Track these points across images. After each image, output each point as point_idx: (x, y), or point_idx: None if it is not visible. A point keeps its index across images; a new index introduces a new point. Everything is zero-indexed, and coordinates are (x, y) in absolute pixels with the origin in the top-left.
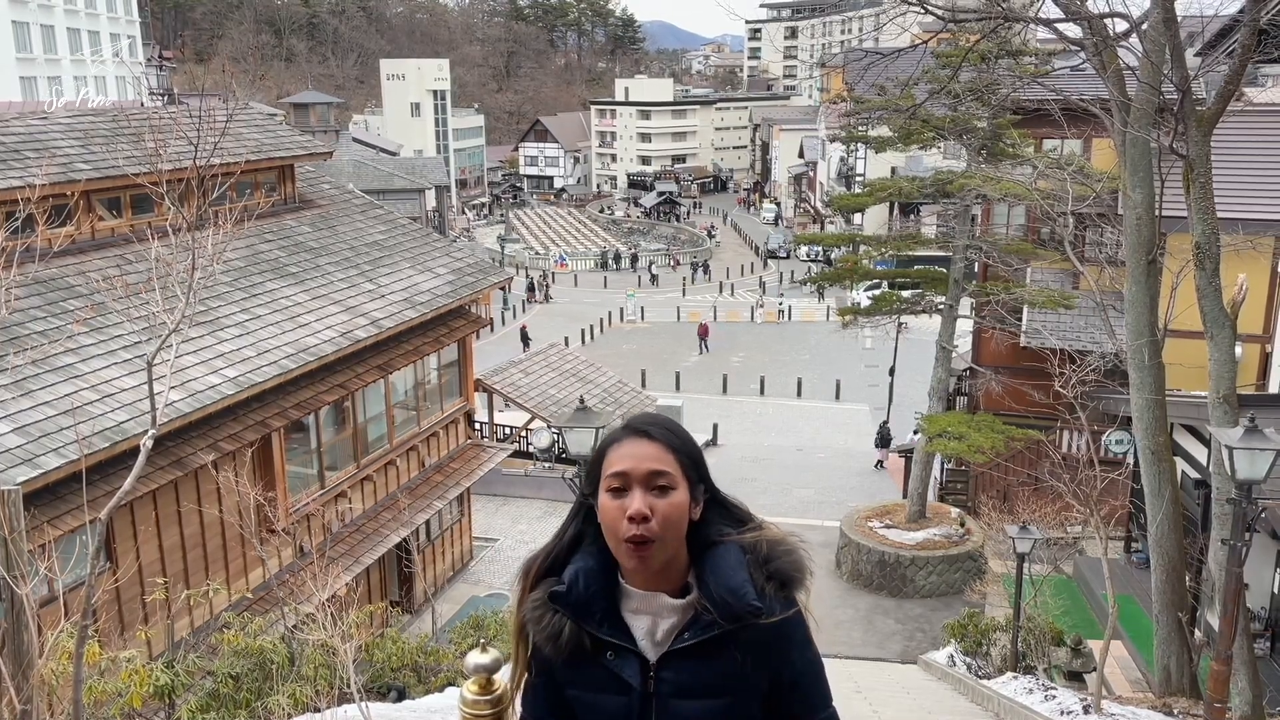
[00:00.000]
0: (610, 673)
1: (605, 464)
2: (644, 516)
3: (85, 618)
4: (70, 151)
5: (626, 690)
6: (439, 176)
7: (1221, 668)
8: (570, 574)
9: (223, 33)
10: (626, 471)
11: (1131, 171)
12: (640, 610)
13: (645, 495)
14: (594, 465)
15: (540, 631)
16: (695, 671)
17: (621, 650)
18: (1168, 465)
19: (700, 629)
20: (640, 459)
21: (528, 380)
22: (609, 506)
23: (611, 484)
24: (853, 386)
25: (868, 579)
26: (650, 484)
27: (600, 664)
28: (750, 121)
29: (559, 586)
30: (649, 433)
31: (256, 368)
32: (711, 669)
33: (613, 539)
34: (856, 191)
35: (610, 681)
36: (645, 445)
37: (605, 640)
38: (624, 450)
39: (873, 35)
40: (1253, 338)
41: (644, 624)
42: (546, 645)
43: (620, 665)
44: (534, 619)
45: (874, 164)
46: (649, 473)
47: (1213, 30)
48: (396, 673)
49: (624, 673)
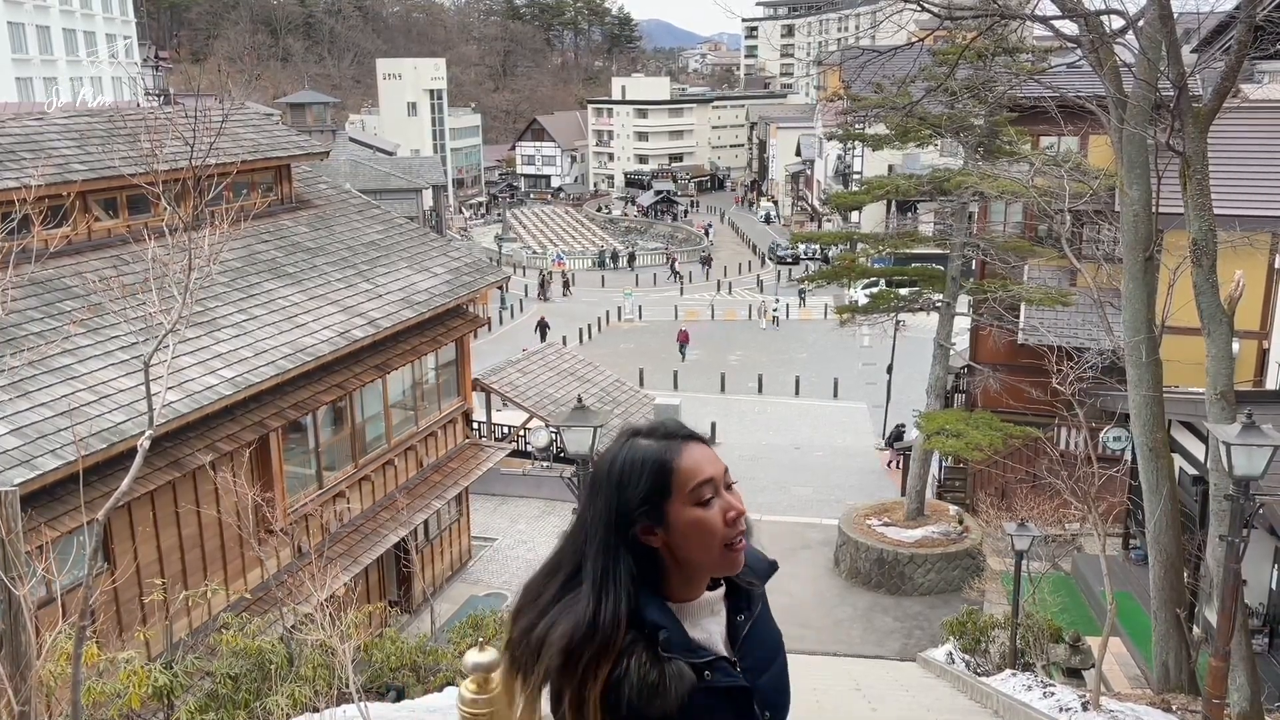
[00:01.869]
0: (715, 691)
1: (679, 476)
2: (743, 513)
3: (83, 619)
4: (66, 152)
5: (734, 695)
6: (436, 176)
7: (1220, 664)
8: (656, 616)
9: (219, 33)
10: (714, 477)
11: (1128, 168)
12: (696, 619)
13: (730, 495)
14: (658, 482)
15: (654, 694)
16: (760, 646)
17: (714, 663)
18: (1165, 462)
19: (747, 605)
20: (713, 462)
21: (525, 379)
22: (703, 517)
23: (705, 494)
24: (851, 385)
25: (866, 577)
26: (728, 483)
27: (702, 690)
28: (747, 120)
29: (665, 634)
30: (697, 436)
31: (254, 368)
32: (765, 638)
33: (708, 550)
34: (854, 189)
35: (715, 700)
36: (704, 448)
37: (702, 663)
38: (695, 456)
39: (869, 33)
40: (1250, 334)
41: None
42: (665, 703)
43: (720, 677)
44: (639, 685)
45: (871, 162)
46: (724, 473)
47: (1209, 27)
48: (395, 673)
49: (727, 680)
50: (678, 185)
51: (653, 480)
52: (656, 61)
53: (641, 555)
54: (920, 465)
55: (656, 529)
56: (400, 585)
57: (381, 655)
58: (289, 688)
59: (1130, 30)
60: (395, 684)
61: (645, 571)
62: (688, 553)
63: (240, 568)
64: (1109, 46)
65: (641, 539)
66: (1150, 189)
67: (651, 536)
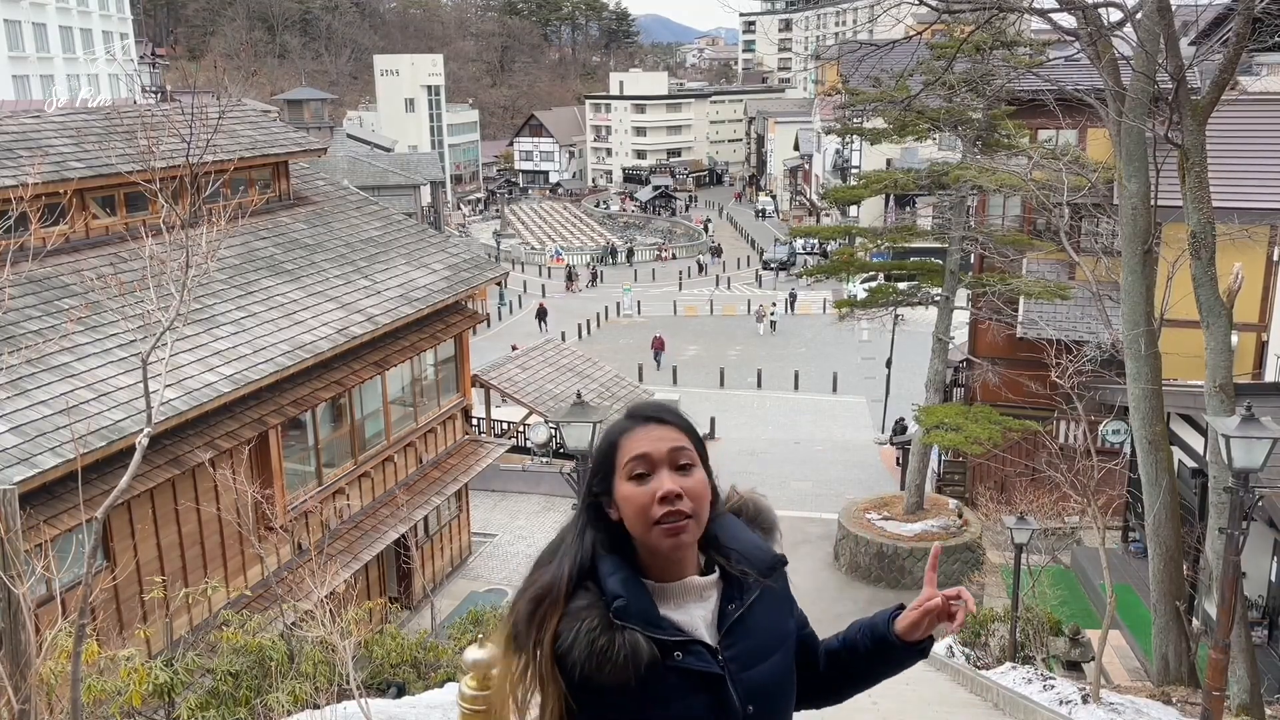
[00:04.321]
0: (684, 673)
1: (620, 453)
2: (677, 494)
3: (83, 616)
4: (64, 150)
5: (708, 681)
6: (434, 172)
7: (1219, 656)
8: (615, 585)
9: (215, 29)
10: (648, 453)
11: (1127, 161)
12: (680, 601)
13: (672, 475)
14: (604, 459)
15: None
16: (753, 637)
17: (687, 645)
18: (1165, 455)
19: (740, 594)
20: (659, 440)
21: (524, 375)
22: (634, 493)
23: (635, 469)
24: (849, 379)
25: (866, 571)
26: (674, 463)
27: (670, 668)
28: (745, 115)
29: (619, 601)
30: (659, 418)
31: (253, 365)
32: (760, 630)
33: (641, 526)
34: (852, 184)
35: (686, 682)
36: (660, 429)
37: (671, 641)
38: (640, 435)
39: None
40: (1248, 326)
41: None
42: (615, 671)
43: (691, 660)
44: (587, 648)
45: (869, 156)
46: (672, 450)
47: (1207, 19)
48: (396, 669)
49: (698, 665)
50: (676, 180)
51: (603, 456)
52: (654, 56)
53: (617, 531)
54: (919, 459)
55: (612, 504)
56: (400, 581)
57: (382, 651)
58: (289, 684)
59: (1128, 23)
60: (396, 680)
61: (621, 546)
62: (630, 528)
63: (240, 565)
64: (1107, 39)
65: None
66: (1149, 182)
67: (611, 510)
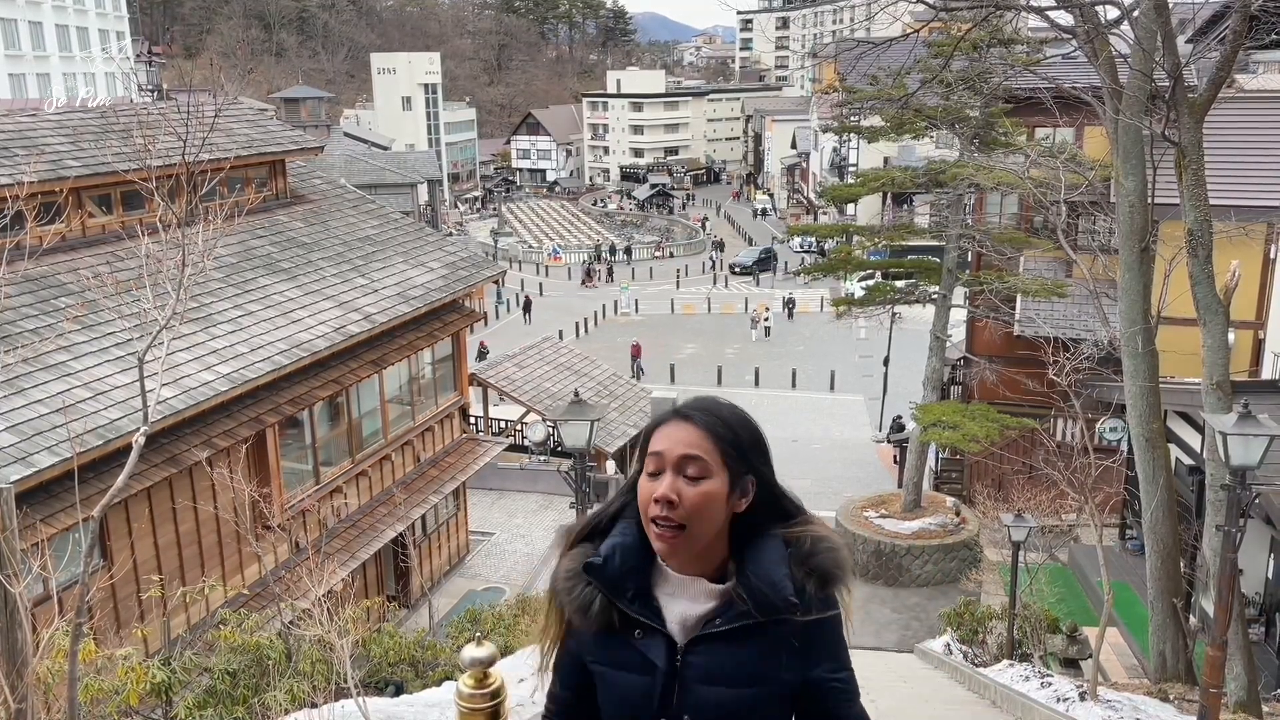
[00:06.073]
0: (636, 651)
1: (648, 443)
2: (669, 500)
3: (80, 616)
4: (60, 148)
5: (650, 670)
6: (431, 170)
7: (1217, 653)
8: (608, 547)
9: (212, 28)
10: (661, 453)
11: (1124, 159)
12: (676, 593)
13: (675, 480)
14: (642, 443)
15: (571, 601)
16: (723, 659)
17: (650, 629)
18: (1162, 452)
19: (733, 616)
20: (675, 443)
21: (522, 374)
22: (643, 486)
23: (648, 465)
24: (847, 377)
25: (864, 569)
26: (681, 469)
27: (627, 641)
28: (743, 113)
29: (595, 558)
30: (691, 417)
31: (250, 364)
32: (740, 659)
33: (643, 519)
34: (849, 182)
35: (635, 660)
36: (685, 430)
37: (634, 618)
38: (664, 432)
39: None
40: (1246, 324)
41: (678, 607)
42: (576, 616)
43: (647, 645)
44: (565, 589)
45: (867, 154)
46: (680, 458)
47: (1204, 17)
48: (394, 667)
49: (650, 652)
50: (673, 179)
51: (643, 440)
52: (651, 55)
53: None
54: (917, 457)
55: None
56: (398, 580)
57: (380, 650)
58: (287, 683)
59: (1125, 20)
60: (394, 679)
61: None
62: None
63: (238, 564)
64: (1104, 37)
65: None
66: (1146, 180)
67: None
